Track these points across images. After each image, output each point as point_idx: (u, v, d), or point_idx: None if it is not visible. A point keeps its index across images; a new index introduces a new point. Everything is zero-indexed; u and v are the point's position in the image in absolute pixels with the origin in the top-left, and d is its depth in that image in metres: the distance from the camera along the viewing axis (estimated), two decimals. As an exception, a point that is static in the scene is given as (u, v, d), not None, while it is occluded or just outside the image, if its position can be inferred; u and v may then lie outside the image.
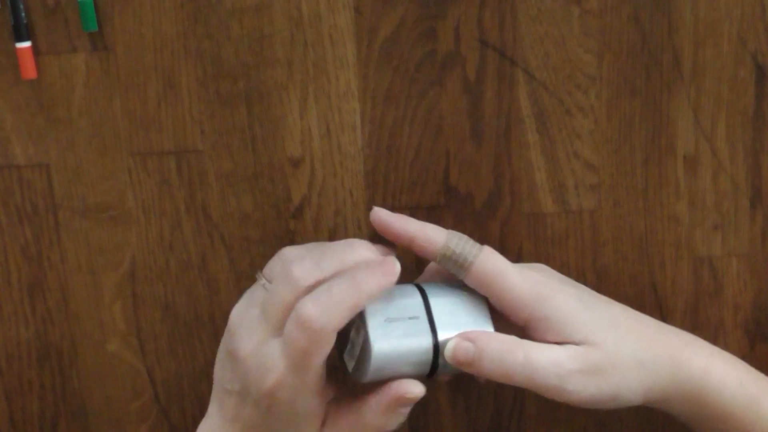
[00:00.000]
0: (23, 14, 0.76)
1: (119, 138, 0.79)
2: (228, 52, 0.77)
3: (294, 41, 0.77)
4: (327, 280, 0.68)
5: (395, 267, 0.68)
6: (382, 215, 0.72)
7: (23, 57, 0.77)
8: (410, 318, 0.68)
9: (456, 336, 0.69)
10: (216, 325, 0.82)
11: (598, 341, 0.69)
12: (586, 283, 0.81)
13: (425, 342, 0.69)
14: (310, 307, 0.67)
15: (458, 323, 0.70)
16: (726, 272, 0.81)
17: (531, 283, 0.70)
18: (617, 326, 0.71)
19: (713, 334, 0.82)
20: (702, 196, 0.80)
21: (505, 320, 0.71)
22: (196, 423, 0.84)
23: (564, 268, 0.81)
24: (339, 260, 0.68)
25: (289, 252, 0.71)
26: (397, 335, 0.68)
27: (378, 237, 0.81)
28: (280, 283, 0.69)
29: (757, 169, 0.79)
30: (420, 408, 0.84)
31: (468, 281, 0.71)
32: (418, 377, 0.69)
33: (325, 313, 0.67)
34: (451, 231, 0.72)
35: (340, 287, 0.67)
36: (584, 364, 0.69)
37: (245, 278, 0.81)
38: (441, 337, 0.69)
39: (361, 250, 0.69)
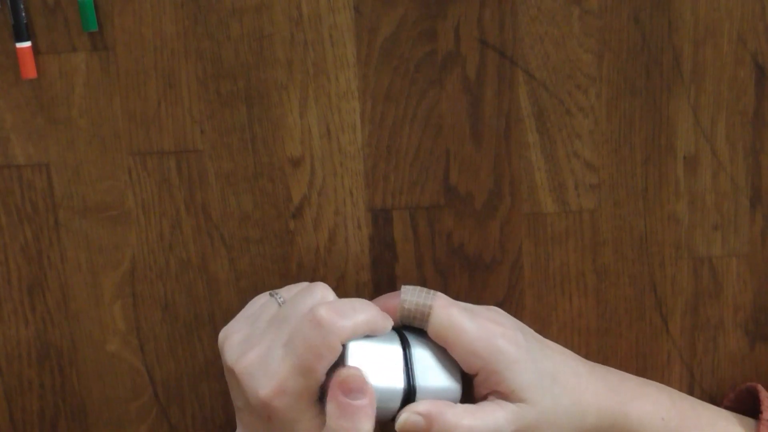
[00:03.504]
0: (23, 14, 0.76)
1: (119, 138, 0.79)
2: (228, 52, 0.77)
3: (294, 41, 0.77)
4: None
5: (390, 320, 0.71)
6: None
7: (23, 57, 0.77)
8: (388, 362, 0.70)
9: (408, 410, 0.70)
10: (216, 325, 0.82)
11: (537, 399, 0.72)
12: (585, 284, 0.81)
13: (397, 388, 0.70)
14: (324, 309, 0.68)
15: (431, 375, 0.71)
16: (726, 272, 0.81)
17: (486, 335, 0.72)
18: (555, 379, 0.74)
19: (713, 334, 0.82)
20: (702, 196, 0.80)
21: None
22: (195, 423, 0.84)
23: (564, 268, 0.81)
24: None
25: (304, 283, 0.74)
26: (373, 377, 0.69)
27: (377, 238, 0.81)
28: (301, 296, 0.70)
29: (757, 169, 0.79)
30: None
31: (429, 333, 0.72)
32: (384, 419, 0.70)
33: (339, 317, 0.68)
34: (403, 287, 0.73)
35: (355, 303, 0.69)
36: (521, 424, 0.72)
37: (245, 278, 0.81)
38: (417, 385, 0.71)
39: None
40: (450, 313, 0.72)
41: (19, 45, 0.76)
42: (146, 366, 0.83)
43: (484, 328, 0.72)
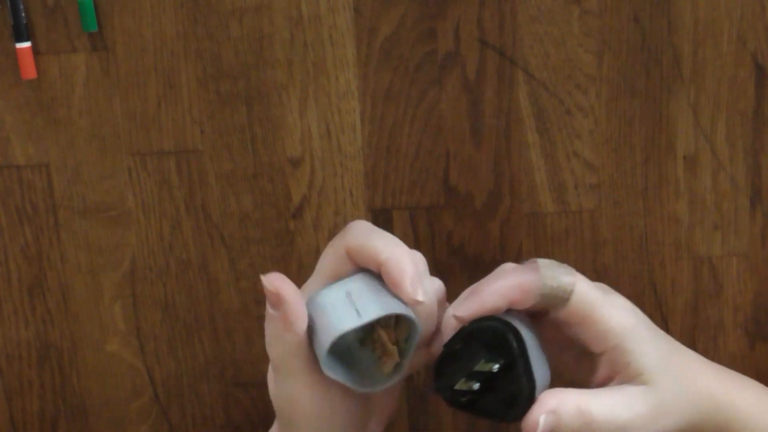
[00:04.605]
0: (23, 14, 0.76)
1: (119, 138, 0.79)
2: (228, 52, 0.77)
3: (294, 41, 0.77)
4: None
5: (420, 296, 0.64)
6: (465, 311, 0.67)
7: (23, 57, 0.77)
8: (356, 311, 0.64)
9: (540, 410, 0.65)
10: (216, 325, 0.82)
11: (660, 382, 0.69)
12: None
13: (333, 328, 0.63)
14: (358, 223, 0.66)
15: (539, 366, 0.66)
16: (726, 272, 0.81)
17: (619, 312, 0.69)
18: (672, 363, 0.70)
19: (713, 334, 0.82)
20: (702, 196, 0.80)
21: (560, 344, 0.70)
22: (196, 423, 0.84)
23: (564, 268, 0.81)
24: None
25: None
26: (332, 300, 0.64)
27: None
28: None
29: (757, 169, 0.79)
30: (420, 408, 0.84)
31: (561, 313, 0.67)
32: (320, 350, 0.64)
33: (358, 233, 0.65)
34: (540, 263, 0.68)
35: (386, 237, 0.65)
36: (645, 408, 0.68)
37: (245, 278, 0.81)
38: (536, 382, 0.66)
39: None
40: (590, 291, 0.68)
41: (19, 45, 0.76)
42: (146, 366, 0.83)
43: (616, 306, 0.69)
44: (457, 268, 0.81)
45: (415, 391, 0.84)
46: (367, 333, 0.66)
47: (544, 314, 0.69)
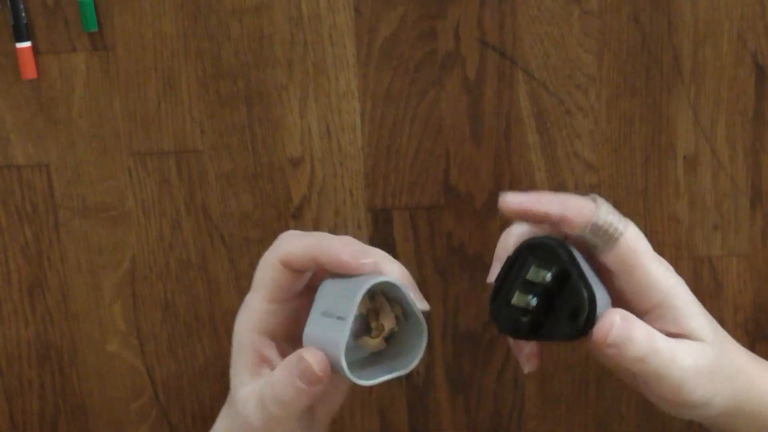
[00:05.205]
0: (23, 14, 0.76)
1: (119, 138, 0.79)
2: (228, 52, 0.77)
3: (294, 41, 0.77)
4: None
5: (365, 259, 0.65)
6: (516, 200, 0.65)
7: (23, 57, 0.77)
8: (339, 318, 0.64)
9: (613, 314, 0.63)
10: (216, 325, 0.82)
11: (714, 341, 0.67)
12: (586, 283, 0.81)
13: (334, 349, 0.63)
14: (285, 234, 0.68)
15: (598, 289, 0.64)
16: (726, 272, 0.81)
17: (665, 268, 0.67)
18: (715, 329, 0.69)
19: (713, 334, 0.82)
20: (702, 196, 0.80)
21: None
22: (196, 423, 0.84)
23: (564, 268, 0.81)
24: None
25: None
26: (318, 330, 0.65)
27: (377, 238, 0.81)
28: None
29: (757, 169, 0.79)
30: (420, 408, 0.84)
31: (608, 256, 0.65)
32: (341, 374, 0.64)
33: (285, 242, 0.67)
34: (597, 199, 0.66)
35: (313, 235, 0.67)
36: (702, 362, 0.66)
37: (245, 278, 0.81)
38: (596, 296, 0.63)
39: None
40: (640, 239, 0.66)
41: (19, 45, 0.76)
42: (146, 366, 0.83)
43: (663, 263, 0.67)
44: (457, 268, 0.81)
45: (415, 391, 0.84)
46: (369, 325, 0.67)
47: (592, 260, 0.66)
